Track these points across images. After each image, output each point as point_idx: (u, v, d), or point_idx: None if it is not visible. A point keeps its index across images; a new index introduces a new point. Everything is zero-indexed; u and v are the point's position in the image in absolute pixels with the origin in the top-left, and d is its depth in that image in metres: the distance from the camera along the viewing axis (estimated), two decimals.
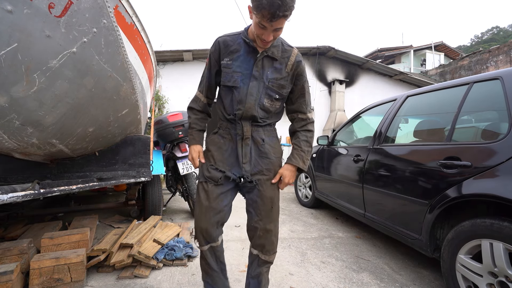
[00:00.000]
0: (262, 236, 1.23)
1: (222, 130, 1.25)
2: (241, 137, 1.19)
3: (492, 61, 8.49)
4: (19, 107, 1.16)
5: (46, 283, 1.52)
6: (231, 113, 1.20)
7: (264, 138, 1.23)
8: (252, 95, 1.16)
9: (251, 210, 1.25)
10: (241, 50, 1.16)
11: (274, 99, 1.20)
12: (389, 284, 1.78)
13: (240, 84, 1.16)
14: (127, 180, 2.15)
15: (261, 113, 1.20)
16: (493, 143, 1.41)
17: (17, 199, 1.30)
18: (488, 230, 1.30)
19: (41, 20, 1.03)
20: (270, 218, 1.24)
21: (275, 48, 1.17)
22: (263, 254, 1.25)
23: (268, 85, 1.17)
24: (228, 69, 1.17)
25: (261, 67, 1.16)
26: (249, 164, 1.20)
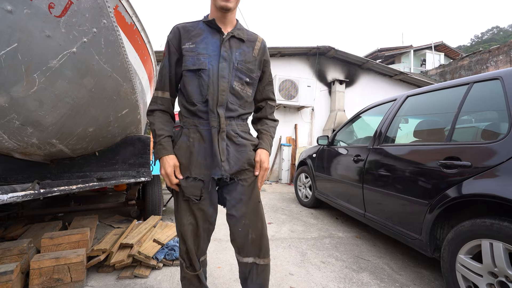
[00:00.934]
0: (256, 238, 1.11)
1: (187, 129, 1.09)
2: (216, 129, 1.04)
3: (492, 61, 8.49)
4: (19, 107, 1.16)
5: (46, 283, 1.52)
6: (199, 101, 1.05)
7: (237, 132, 1.11)
8: (224, 77, 1.04)
9: (234, 213, 1.10)
10: (203, 33, 1.07)
11: (245, 82, 1.10)
12: (389, 284, 1.78)
13: (208, 66, 1.04)
14: (127, 180, 2.15)
15: (231, 98, 1.07)
16: (493, 143, 1.41)
17: (17, 199, 1.30)
18: (488, 230, 1.30)
19: (41, 20, 1.03)
20: (259, 215, 1.13)
21: (241, 31, 1.11)
22: (260, 259, 1.12)
23: (237, 67, 1.07)
24: (191, 52, 1.05)
25: (228, 47, 1.07)
26: (227, 162, 1.06)
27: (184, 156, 1.07)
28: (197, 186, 1.06)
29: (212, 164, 1.06)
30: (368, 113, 2.89)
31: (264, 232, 1.14)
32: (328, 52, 6.88)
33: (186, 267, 1.13)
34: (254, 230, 1.11)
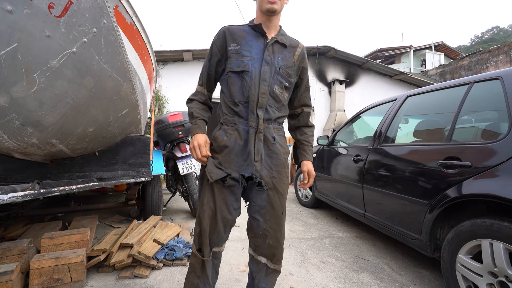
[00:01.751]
0: (273, 245, 1.13)
1: (226, 126, 1.12)
2: (254, 130, 1.08)
3: (492, 61, 8.49)
4: (19, 107, 1.16)
5: (46, 283, 1.52)
6: (241, 102, 1.10)
7: (275, 136, 1.14)
8: (265, 81, 1.08)
9: (258, 217, 1.13)
10: (248, 36, 1.11)
11: (284, 86, 1.14)
12: (389, 284, 1.78)
13: (251, 68, 1.08)
14: (127, 180, 2.15)
15: (270, 101, 1.11)
16: (493, 143, 1.41)
17: (17, 199, 1.30)
18: (488, 230, 1.30)
19: (41, 20, 1.03)
20: (280, 226, 1.15)
21: (284, 37, 1.15)
22: (272, 264, 1.15)
23: (279, 71, 1.11)
24: (236, 54, 1.10)
25: (271, 51, 1.11)
26: (260, 163, 1.08)
27: (220, 148, 1.11)
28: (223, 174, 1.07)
29: (244, 163, 1.09)
30: (368, 113, 2.89)
31: (281, 242, 1.16)
32: (328, 52, 6.88)
33: (196, 249, 1.13)
34: (272, 237, 1.13)
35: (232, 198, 1.12)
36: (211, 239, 1.11)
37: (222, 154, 1.10)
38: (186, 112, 3.07)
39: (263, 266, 1.16)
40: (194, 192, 2.98)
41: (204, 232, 1.10)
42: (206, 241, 1.10)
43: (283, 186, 1.15)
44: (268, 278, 1.16)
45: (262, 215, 1.12)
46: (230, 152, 1.09)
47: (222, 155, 1.10)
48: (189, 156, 2.94)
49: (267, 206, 1.12)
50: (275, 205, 1.12)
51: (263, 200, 1.12)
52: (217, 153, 1.11)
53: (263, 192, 1.12)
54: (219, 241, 1.15)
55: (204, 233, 1.10)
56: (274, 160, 1.13)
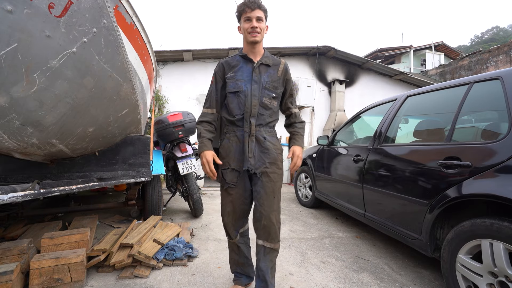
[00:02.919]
0: (266, 225, 1.39)
1: (228, 134, 1.46)
2: (248, 134, 1.40)
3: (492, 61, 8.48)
4: (19, 107, 1.16)
5: (46, 283, 1.52)
6: (238, 114, 1.42)
7: (265, 136, 1.43)
8: (255, 96, 1.40)
9: (256, 201, 1.42)
10: (240, 63, 1.45)
11: (272, 97, 1.45)
12: (389, 284, 1.78)
13: (244, 88, 1.41)
14: (127, 180, 2.15)
15: (261, 110, 1.42)
16: (493, 143, 1.41)
17: (17, 199, 1.30)
18: (488, 230, 1.30)
19: (41, 20, 1.03)
20: (272, 207, 1.40)
21: (267, 58, 1.46)
22: (268, 242, 1.41)
23: (265, 86, 1.42)
24: (232, 79, 1.43)
25: (258, 72, 1.43)
26: (253, 158, 1.40)
27: (226, 152, 1.46)
28: (234, 174, 1.43)
29: (243, 159, 1.41)
30: (368, 113, 2.89)
31: (274, 222, 1.41)
32: (328, 52, 6.88)
33: (226, 235, 1.56)
34: (266, 218, 1.39)
35: (246, 194, 1.45)
36: (234, 226, 1.50)
37: (228, 156, 1.44)
38: (186, 112, 3.07)
39: (261, 247, 1.44)
40: (194, 192, 2.98)
41: (228, 224, 1.49)
42: (230, 230, 1.50)
43: (275, 175, 1.43)
44: (267, 257, 1.43)
45: (257, 199, 1.41)
46: (234, 153, 1.43)
47: (228, 157, 1.44)
48: (189, 156, 2.93)
49: (261, 191, 1.40)
50: (268, 190, 1.40)
51: (258, 186, 1.41)
52: (225, 157, 1.45)
53: (258, 180, 1.41)
54: (242, 224, 1.53)
55: (228, 224, 1.49)
56: (266, 154, 1.42)
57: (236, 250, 1.56)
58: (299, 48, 6.65)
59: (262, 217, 1.39)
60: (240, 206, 1.46)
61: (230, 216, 1.47)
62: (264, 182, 1.40)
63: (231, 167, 1.43)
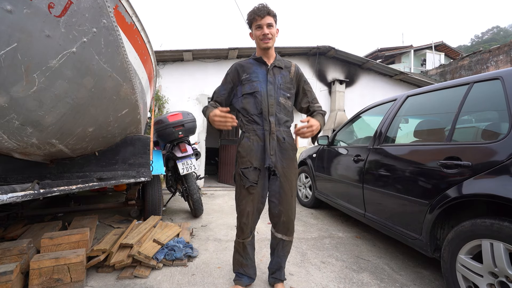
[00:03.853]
0: (286, 221, 1.51)
1: (248, 133, 1.49)
2: (268, 132, 1.45)
3: (493, 61, 8.48)
4: (19, 107, 1.16)
5: (46, 283, 1.52)
6: (256, 113, 1.47)
7: (284, 137, 1.49)
8: (271, 96, 1.47)
9: (274, 199, 1.49)
10: (253, 66, 1.52)
11: (287, 97, 1.52)
12: (389, 284, 1.77)
13: (260, 89, 1.47)
14: (127, 180, 2.14)
15: (278, 109, 1.49)
16: (494, 143, 1.41)
17: (16, 199, 1.30)
18: (489, 230, 1.30)
19: (41, 20, 1.02)
20: (290, 205, 1.50)
21: (279, 61, 1.54)
22: (287, 236, 1.54)
23: (280, 87, 1.50)
24: (248, 80, 1.49)
25: (272, 74, 1.50)
26: (274, 156, 1.45)
27: (247, 151, 1.47)
28: (256, 173, 1.46)
29: (265, 156, 1.45)
30: (368, 113, 2.89)
31: (292, 218, 1.53)
32: (328, 52, 6.88)
33: (237, 235, 1.57)
34: (285, 215, 1.50)
35: (264, 193, 1.50)
36: (251, 227, 1.53)
37: (250, 155, 1.47)
38: (186, 112, 3.07)
39: (279, 240, 1.55)
40: (194, 192, 2.98)
41: (247, 225, 1.50)
42: (245, 230, 1.51)
43: (292, 175, 1.50)
44: (285, 249, 1.57)
45: (276, 198, 1.48)
46: (255, 151, 1.47)
47: (250, 155, 1.47)
48: (189, 156, 2.93)
49: (280, 191, 1.47)
50: (286, 190, 1.48)
51: (277, 186, 1.48)
52: (245, 156, 1.47)
53: (277, 180, 1.47)
54: (255, 225, 1.57)
55: (247, 225, 1.50)
56: (284, 154, 1.49)
57: (242, 251, 1.57)
58: (299, 48, 6.65)
59: (281, 214, 1.49)
60: (259, 205, 1.50)
61: (250, 217, 1.48)
62: (282, 182, 1.47)
63: (253, 166, 1.45)
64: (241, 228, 1.53)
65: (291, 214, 1.52)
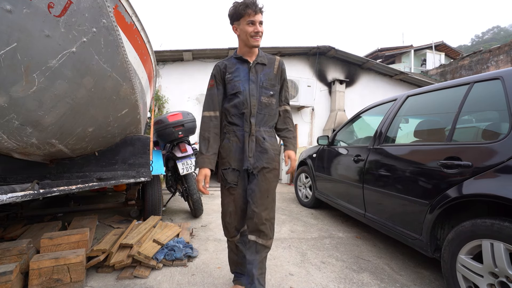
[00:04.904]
0: (258, 223, 1.39)
1: (228, 134, 1.46)
2: (248, 133, 1.41)
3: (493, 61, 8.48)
4: (19, 107, 1.16)
5: (46, 284, 1.52)
6: (237, 114, 1.42)
7: (264, 136, 1.44)
8: (253, 96, 1.41)
9: (250, 199, 1.41)
10: (236, 65, 1.46)
11: (270, 95, 1.46)
12: (390, 284, 1.77)
13: (242, 88, 1.41)
14: (127, 180, 2.14)
15: (260, 109, 1.43)
16: (494, 143, 1.41)
17: (16, 199, 1.30)
18: (489, 230, 1.29)
19: (41, 20, 1.02)
20: (265, 206, 1.41)
21: (262, 58, 1.48)
22: (260, 239, 1.41)
23: (263, 85, 1.44)
24: (230, 80, 1.44)
25: (255, 72, 1.44)
26: (253, 158, 1.41)
27: (226, 152, 1.45)
28: (235, 174, 1.44)
29: (243, 158, 1.42)
30: (368, 113, 2.89)
31: (264, 221, 1.41)
32: (328, 52, 6.88)
33: (224, 234, 1.55)
34: (258, 216, 1.39)
35: (244, 192, 1.45)
36: (236, 226, 1.50)
37: (229, 156, 1.44)
38: (186, 112, 3.07)
39: (253, 243, 1.42)
40: (194, 192, 2.98)
41: (230, 224, 1.48)
42: (230, 229, 1.50)
43: (271, 175, 1.44)
44: (258, 254, 1.42)
45: (251, 197, 1.41)
46: (234, 152, 1.44)
47: (229, 156, 1.44)
48: (189, 156, 2.93)
49: (255, 189, 1.41)
50: (262, 189, 1.41)
51: (253, 185, 1.42)
52: (225, 157, 1.45)
53: (254, 179, 1.42)
54: (243, 224, 1.51)
55: (231, 224, 1.49)
56: (264, 154, 1.43)
57: (235, 249, 1.56)
58: (299, 48, 6.64)
59: (254, 215, 1.39)
60: (241, 205, 1.47)
61: (232, 216, 1.47)
62: (259, 181, 1.41)
63: (231, 167, 1.43)
64: (225, 227, 1.52)
65: (265, 216, 1.40)
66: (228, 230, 1.51)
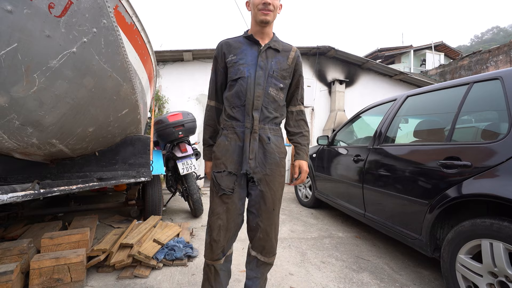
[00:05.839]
0: (263, 238, 1.22)
1: (226, 131, 1.23)
2: (250, 130, 1.17)
3: (492, 61, 8.48)
4: (19, 107, 1.16)
5: (46, 283, 1.52)
6: (238, 105, 1.19)
7: (269, 136, 1.22)
8: (259, 85, 1.18)
9: (253, 210, 1.22)
10: (243, 46, 1.22)
11: (279, 88, 1.23)
12: (389, 284, 1.78)
13: (247, 74, 1.18)
14: (127, 180, 2.14)
15: (266, 103, 1.20)
16: (493, 143, 1.41)
17: (17, 199, 1.30)
18: (488, 230, 1.30)
19: (41, 20, 1.03)
20: (271, 220, 1.22)
21: (276, 43, 1.24)
22: (262, 256, 1.25)
23: (273, 74, 1.20)
24: (234, 63, 1.20)
25: (265, 57, 1.20)
26: (254, 160, 1.17)
27: (222, 153, 1.21)
28: (231, 179, 1.19)
29: (240, 160, 1.19)
30: (368, 113, 2.89)
31: (271, 236, 1.24)
32: (328, 52, 6.88)
33: (205, 255, 1.23)
34: (263, 231, 1.22)
35: (240, 203, 1.22)
36: (223, 246, 1.20)
37: (225, 156, 1.21)
38: (186, 112, 3.07)
39: (253, 258, 1.27)
40: (194, 192, 2.98)
41: (218, 242, 1.19)
42: (217, 250, 1.19)
43: (276, 183, 1.22)
44: (259, 269, 1.26)
45: (256, 209, 1.22)
46: (232, 153, 1.20)
47: (225, 157, 1.20)
48: (189, 156, 2.93)
49: (260, 202, 1.20)
50: (267, 201, 1.20)
51: (257, 195, 1.21)
52: (220, 157, 1.21)
53: (257, 188, 1.20)
54: (231, 245, 1.27)
55: (218, 243, 1.19)
56: (268, 158, 1.20)
57: (212, 278, 1.23)
58: (299, 48, 6.64)
59: (258, 229, 1.21)
60: (235, 217, 1.21)
61: (222, 232, 1.18)
62: (263, 191, 1.19)
63: (227, 170, 1.19)
64: (209, 245, 1.20)
65: (271, 232, 1.22)
66: (212, 249, 1.19)
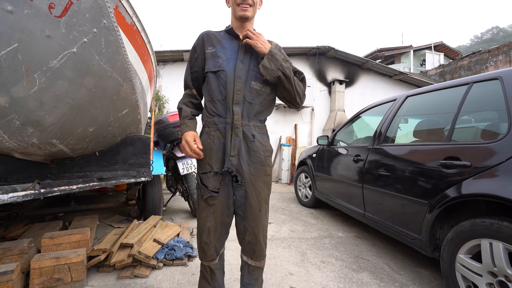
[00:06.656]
0: (252, 242, 1.19)
1: (208, 128, 1.19)
2: (230, 126, 1.12)
3: (492, 61, 8.49)
4: (20, 107, 1.17)
5: (47, 283, 1.52)
6: (219, 99, 1.15)
7: (254, 134, 1.17)
8: (240, 78, 1.13)
9: (240, 212, 1.19)
10: (223, 40, 1.20)
11: (263, 81, 1.17)
12: (389, 283, 1.78)
13: (226, 68, 1.14)
14: (127, 180, 2.15)
15: (250, 97, 1.15)
16: (493, 143, 1.41)
17: (17, 199, 1.30)
18: (488, 230, 1.30)
19: (42, 20, 1.03)
20: (259, 222, 1.18)
21: None
22: (253, 260, 1.22)
23: (253, 68, 1.16)
24: (212, 56, 1.17)
25: (245, 51, 1.17)
26: (236, 157, 1.13)
27: (206, 152, 1.15)
28: (217, 179, 1.15)
29: (222, 158, 1.14)
30: (368, 113, 2.89)
31: (259, 238, 1.20)
32: (328, 52, 6.88)
33: (199, 257, 1.23)
34: (251, 234, 1.18)
35: (229, 203, 1.18)
36: (215, 246, 1.20)
37: (209, 156, 1.16)
38: None
39: (245, 263, 1.25)
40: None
41: (209, 244, 1.18)
42: (210, 251, 1.19)
43: (261, 183, 1.18)
44: (251, 274, 1.24)
45: (241, 210, 1.18)
46: (215, 151, 1.15)
47: (209, 157, 1.16)
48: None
49: (245, 203, 1.17)
50: (252, 202, 1.16)
51: (242, 196, 1.17)
52: (204, 158, 1.17)
53: (241, 189, 1.16)
54: (223, 243, 1.25)
55: (209, 245, 1.18)
56: (252, 157, 1.16)
57: (209, 277, 1.25)
58: (299, 48, 6.65)
59: (246, 231, 1.18)
60: (223, 219, 1.19)
61: (211, 234, 1.17)
62: (247, 192, 1.15)
63: (213, 170, 1.14)
64: (202, 248, 1.20)
65: (259, 234, 1.18)
66: (205, 251, 1.19)
